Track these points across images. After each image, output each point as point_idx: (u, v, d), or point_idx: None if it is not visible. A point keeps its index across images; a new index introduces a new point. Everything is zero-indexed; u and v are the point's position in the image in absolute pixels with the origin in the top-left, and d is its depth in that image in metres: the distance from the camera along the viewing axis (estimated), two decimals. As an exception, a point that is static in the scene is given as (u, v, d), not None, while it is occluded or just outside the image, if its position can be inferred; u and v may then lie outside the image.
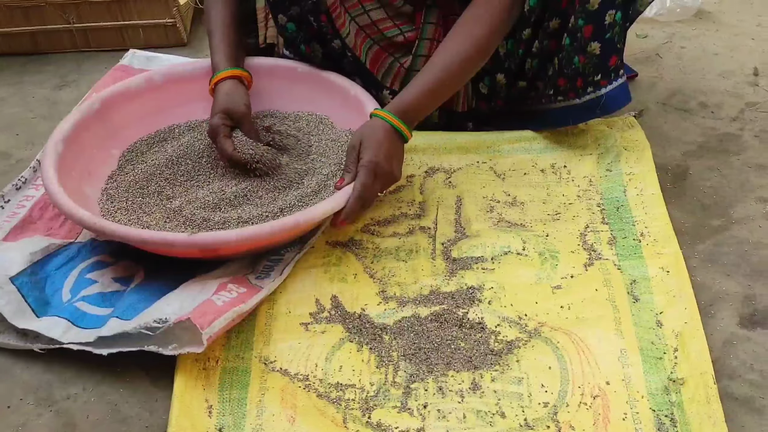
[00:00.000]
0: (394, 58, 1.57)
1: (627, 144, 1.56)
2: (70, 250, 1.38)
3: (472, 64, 1.42)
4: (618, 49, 1.45)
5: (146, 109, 1.58)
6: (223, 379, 1.17)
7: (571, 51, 1.45)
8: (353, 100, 1.50)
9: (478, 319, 1.23)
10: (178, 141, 1.55)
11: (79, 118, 1.47)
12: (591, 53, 1.43)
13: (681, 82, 1.85)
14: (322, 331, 1.23)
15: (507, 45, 1.52)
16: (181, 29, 2.10)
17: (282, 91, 1.61)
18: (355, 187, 1.30)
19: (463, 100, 1.61)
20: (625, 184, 1.48)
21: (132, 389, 1.18)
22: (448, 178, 1.53)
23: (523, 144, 1.59)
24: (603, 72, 1.46)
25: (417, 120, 1.40)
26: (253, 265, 1.32)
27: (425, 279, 1.31)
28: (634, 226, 1.39)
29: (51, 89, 1.98)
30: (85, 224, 1.25)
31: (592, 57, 1.44)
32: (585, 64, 1.45)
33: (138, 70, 1.82)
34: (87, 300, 1.28)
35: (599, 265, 1.32)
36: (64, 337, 1.21)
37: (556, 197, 1.47)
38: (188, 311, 1.16)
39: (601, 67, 1.45)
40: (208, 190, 1.42)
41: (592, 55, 1.43)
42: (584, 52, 1.43)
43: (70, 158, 1.41)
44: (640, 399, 1.11)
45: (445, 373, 1.16)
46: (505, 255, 1.35)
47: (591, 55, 1.43)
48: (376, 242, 1.39)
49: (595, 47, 1.42)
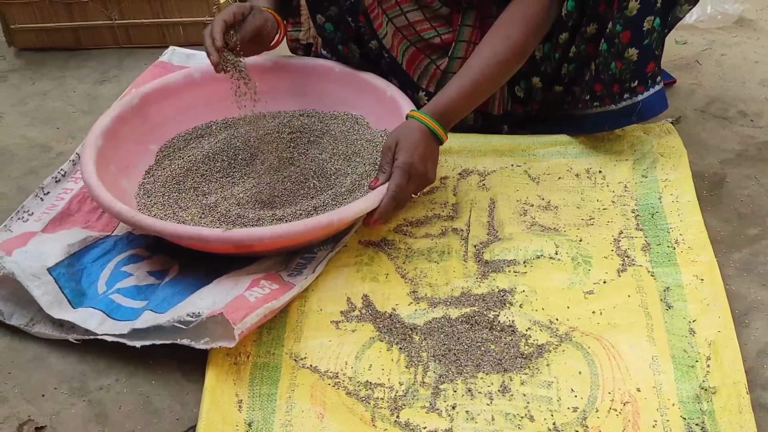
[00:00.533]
0: (430, 59, 1.57)
1: (663, 150, 1.54)
2: (107, 243, 1.40)
3: (509, 66, 1.41)
4: (656, 56, 1.43)
5: (184, 106, 1.59)
6: (254, 374, 1.17)
7: (608, 57, 1.44)
8: (389, 101, 1.51)
9: (508, 322, 1.23)
10: (215, 138, 1.57)
11: (119, 113, 1.49)
12: (628, 59, 1.42)
13: (720, 90, 1.83)
14: (352, 329, 1.24)
15: (543, 48, 1.52)
16: (220, 27, 2.12)
17: (319, 91, 1.62)
18: (390, 188, 1.31)
19: (499, 103, 1.61)
20: (661, 191, 1.47)
21: (164, 381, 1.19)
22: (481, 181, 1.53)
23: (558, 148, 1.59)
24: (640, 78, 1.45)
25: (453, 122, 1.41)
26: (286, 262, 1.33)
27: (457, 280, 1.31)
28: (669, 233, 1.38)
29: (92, 84, 2.01)
30: (122, 218, 1.27)
31: (630, 63, 1.43)
32: (622, 70, 1.44)
33: (177, 66, 1.84)
34: (122, 292, 1.30)
35: (632, 271, 1.31)
36: (98, 329, 1.22)
37: (590, 202, 1.47)
38: (221, 306, 1.17)
39: (639, 73, 1.44)
40: (244, 187, 1.43)
41: (630, 61, 1.42)
42: (621, 58, 1.43)
43: (109, 152, 1.42)
44: (670, 406, 1.10)
45: (475, 374, 1.15)
46: (537, 259, 1.34)
47: (628, 61, 1.42)
48: (409, 243, 1.39)
49: (632, 53, 1.41)
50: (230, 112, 1.60)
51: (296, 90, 1.64)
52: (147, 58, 2.05)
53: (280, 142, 1.54)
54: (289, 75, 1.63)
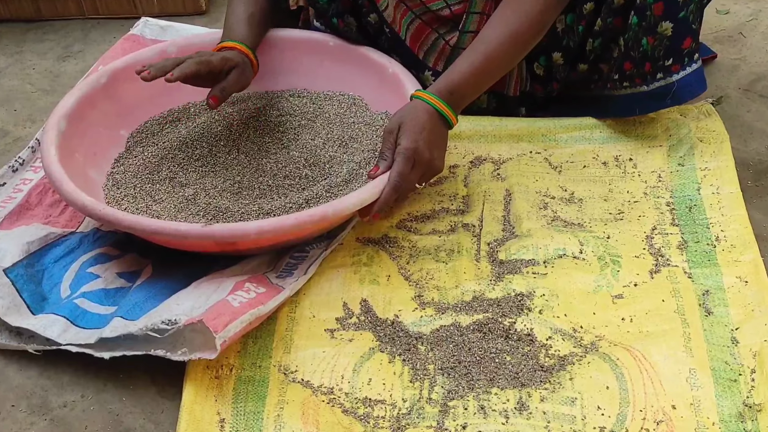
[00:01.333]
0: (438, 34, 1.56)
1: (702, 135, 1.54)
2: (71, 240, 1.39)
3: (525, 40, 1.41)
4: (693, 30, 1.43)
5: (159, 85, 1.58)
6: (238, 389, 1.17)
7: (639, 31, 1.43)
8: (391, 79, 1.50)
9: (526, 331, 1.23)
10: (194, 121, 1.57)
11: (85, 93, 1.49)
12: (662, 34, 1.42)
13: (767, 66, 1.83)
14: (349, 338, 1.24)
15: (566, 20, 1.51)
16: (199, -5, 2.11)
17: (310, 68, 1.62)
18: (391, 176, 1.30)
19: (516, 82, 1.60)
20: (700, 181, 1.46)
21: (136, 398, 1.19)
22: (496, 170, 1.52)
23: (583, 132, 1.58)
24: (675, 56, 1.44)
25: (463, 103, 1.40)
26: (274, 262, 1.33)
27: (468, 283, 1.31)
28: (709, 229, 1.38)
29: (54, 60, 2.01)
30: (89, 212, 1.27)
31: (663, 39, 1.42)
32: (654, 47, 1.43)
33: (150, 40, 1.84)
34: (88, 297, 1.29)
35: (667, 272, 1.31)
36: (61, 338, 1.22)
37: (619, 194, 1.46)
38: (201, 312, 1.17)
39: (673, 50, 1.43)
40: (226, 177, 1.43)
41: (663, 36, 1.42)
42: (654, 33, 1.42)
43: (74, 138, 1.42)
44: (710, 426, 1.10)
45: (488, 390, 1.15)
46: (559, 258, 1.34)
47: (662, 36, 1.42)
48: (413, 240, 1.39)
49: (666, 27, 1.41)
50: (210, 91, 1.60)
51: (285, 67, 1.63)
52: (116, 31, 2.05)
53: (267, 126, 1.54)
54: (276, 50, 1.63)
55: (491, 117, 1.61)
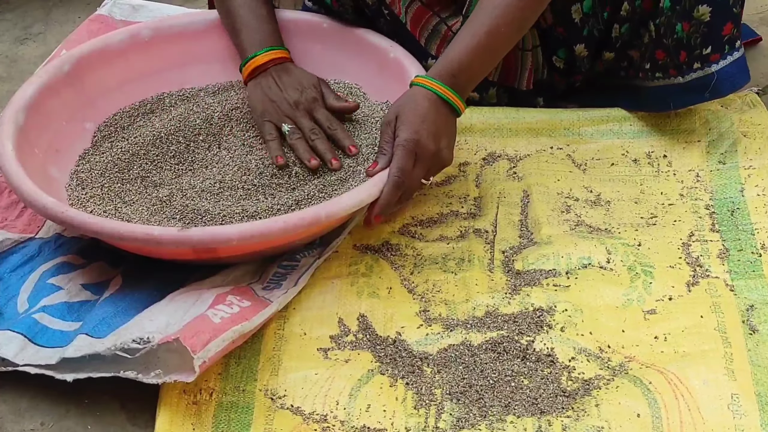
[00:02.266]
0: (440, 18, 1.57)
1: (746, 129, 1.54)
2: (30, 247, 1.40)
3: (532, 5, 1.39)
4: (734, 14, 1.43)
5: (130, 73, 1.60)
6: (219, 416, 1.17)
7: (673, 16, 1.43)
8: (393, 65, 1.51)
9: (546, 350, 1.23)
10: (169, 114, 1.57)
11: (46, 81, 1.49)
12: (699, 19, 1.41)
13: (819, 51, 1.83)
14: (345, 359, 1.24)
15: (582, 8, 1.51)
16: (176, -29, 2.12)
17: (303, 53, 1.62)
18: (391, 173, 1.31)
19: (530, 74, 1.60)
20: (743, 181, 1.47)
21: (103, 426, 1.19)
22: (512, 168, 1.53)
23: (610, 126, 1.59)
24: (714, 44, 1.44)
25: (470, 86, 1.40)
26: (260, 272, 1.33)
27: (479, 296, 1.31)
28: (754, 235, 1.38)
29: (10, 43, 2.01)
30: (50, 214, 1.27)
31: (700, 24, 1.42)
32: (690, 34, 1.43)
33: (120, 22, 1.84)
34: (49, 311, 1.30)
35: (706, 284, 1.31)
36: (18, 358, 1.22)
37: (651, 196, 1.47)
38: (177, 329, 1.17)
39: (712, 37, 1.43)
40: (205, 176, 1.43)
41: (700, 21, 1.42)
42: (689, 18, 1.42)
43: (33, 132, 1.43)
44: (755, 459, 1.10)
45: (503, 418, 1.16)
46: (584, 269, 1.34)
47: (698, 21, 1.42)
48: (418, 247, 1.40)
49: (704, 12, 1.41)
50: (188, 81, 1.61)
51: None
52: (81, 10, 2.05)
53: (251, 119, 1.54)
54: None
55: (506, 108, 1.61)
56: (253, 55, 1.49)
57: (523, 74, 1.60)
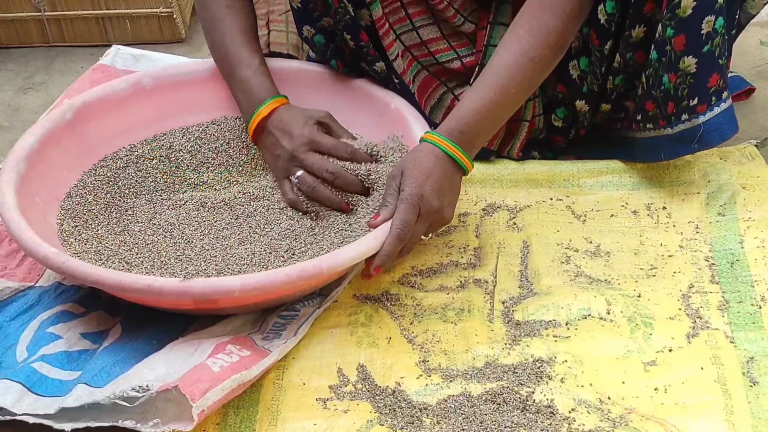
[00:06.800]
0: (446, 88, 1.58)
1: (745, 181, 1.55)
2: (29, 295, 1.40)
3: (544, 61, 1.41)
4: (720, 66, 1.42)
5: (131, 122, 1.60)
6: (217, 467, 1.17)
7: (660, 67, 1.44)
8: (393, 116, 1.52)
9: (546, 402, 1.23)
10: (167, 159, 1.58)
11: (48, 130, 1.50)
12: (685, 71, 1.42)
13: (818, 104, 1.84)
14: (344, 409, 1.24)
15: (579, 65, 1.53)
16: (179, 21, 2.13)
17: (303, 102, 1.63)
18: (393, 225, 1.31)
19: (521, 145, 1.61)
20: (743, 233, 1.47)
21: (101, 476, 1.19)
22: (512, 219, 1.53)
23: (610, 177, 1.60)
24: (700, 95, 1.44)
25: (478, 144, 1.41)
26: (259, 322, 1.33)
27: (479, 347, 1.31)
28: (753, 287, 1.38)
29: (13, 93, 2.02)
30: (51, 264, 1.27)
31: (686, 76, 1.42)
32: (677, 85, 1.43)
33: (122, 71, 1.86)
34: (48, 360, 1.29)
35: (706, 336, 1.31)
36: (16, 407, 1.22)
37: (651, 247, 1.47)
38: (176, 378, 1.17)
39: (698, 88, 1.43)
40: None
41: (686, 73, 1.42)
42: (676, 70, 1.42)
43: (35, 181, 1.43)
44: None
45: (503, 469, 1.15)
46: (583, 319, 1.34)
47: (684, 73, 1.42)
48: (418, 297, 1.40)
49: (689, 63, 1.41)
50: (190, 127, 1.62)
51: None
52: (84, 60, 2.07)
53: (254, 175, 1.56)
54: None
55: (506, 159, 1.62)
56: (253, 115, 1.51)
57: (516, 144, 1.61)
